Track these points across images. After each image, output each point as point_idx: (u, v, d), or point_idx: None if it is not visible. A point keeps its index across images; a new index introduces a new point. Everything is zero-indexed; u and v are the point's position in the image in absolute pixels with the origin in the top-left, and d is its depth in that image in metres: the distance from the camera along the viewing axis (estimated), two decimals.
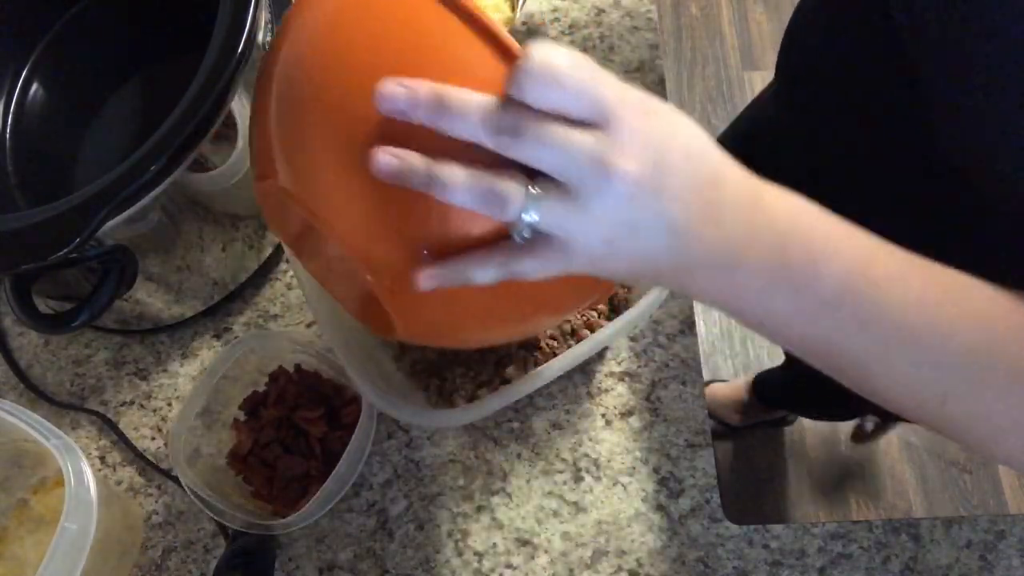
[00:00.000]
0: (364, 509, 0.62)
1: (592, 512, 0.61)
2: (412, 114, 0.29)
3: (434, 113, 0.29)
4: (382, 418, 0.64)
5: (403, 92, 0.29)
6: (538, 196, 0.29)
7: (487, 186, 0.29)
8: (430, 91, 0.29)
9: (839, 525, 0.61)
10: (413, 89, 0.29)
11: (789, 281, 0.31)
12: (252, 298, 0.69)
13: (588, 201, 0.29)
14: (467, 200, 0.29)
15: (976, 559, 0.60)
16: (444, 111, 0.29)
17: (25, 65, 0.66)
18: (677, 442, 0.63)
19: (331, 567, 0.61)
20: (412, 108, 0.29)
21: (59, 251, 0.47)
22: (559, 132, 0.28)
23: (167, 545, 0.62)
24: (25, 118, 0.66)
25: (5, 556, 0.60)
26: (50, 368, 0.68)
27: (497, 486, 0.62)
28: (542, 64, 0.28)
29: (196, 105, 0.50)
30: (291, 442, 0.61)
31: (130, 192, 0.48)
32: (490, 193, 0.29)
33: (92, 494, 0.51)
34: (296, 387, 0.62)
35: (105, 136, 0.66)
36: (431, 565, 0.60)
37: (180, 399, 0.66)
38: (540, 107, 0.28)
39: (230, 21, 0.51)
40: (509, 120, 0.28)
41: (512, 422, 0.64)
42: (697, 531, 0.60)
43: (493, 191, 0.29)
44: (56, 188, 0.64)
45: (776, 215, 0.31)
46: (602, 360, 0.65)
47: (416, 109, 0.29)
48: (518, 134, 0.28)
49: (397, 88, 0.29)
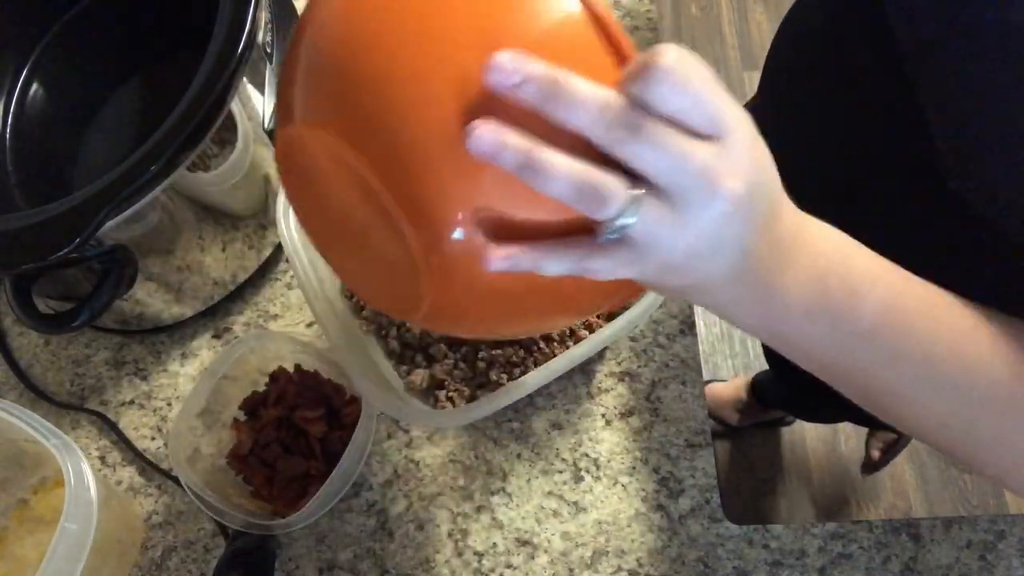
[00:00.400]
0: (364, 509, 0.62)
1: (592, 512, 0.61)
2: (521, 91, 0.27)
3: (548, 95, 0.27)
4: (382, 418, 0.64)
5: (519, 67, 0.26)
6: (639, 200, 0.28)
7: (590, 181, 0.27)
8: (547, 72, 0.27)
9: (839, 525, 0.61)
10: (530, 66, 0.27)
11: (827, 312, 0.32)
12: (252, 298, 0.69)
13: (687, 212, 0.28)
14: (564, 191, 0.28)
15: (976, 559, 0.60)
16: (559, 96, 0.27)
17: (25, 65, 0.66)
18: (677, 442, 0.63)
19: (331, 567, 0.61)
20: (524, 85, 0.27)
21: (59, 251, 0.47)
22: (677, 138, 0.27)
23: (167, 545, 0.62)
24: (25, 118, 0.66)
25: (5, 556, 0.60)
26: (50, 368, 0.68)
27: (497, 486, 0.62)
28: (673, 67, 0.26)
29: (196, 105, 0.50)
30: (291, 442, 0.61)
31: (130, 192, 0.48)
32: (591, 189, 0.27)
33: (92, 494, 0.51)
34: (296, 387, 0.62)
35: (105, 136, 0.66)
36: (431, 565, 0.60)
37: (180, 399, 0.66)
38: (661, 110, 0.27)
39: (230, 21, 0.51)
40: (630, 117, 0.27)
41: (512, 422, 0.64)
42: (697, 531, 0.60)
43: (595, 187, 0.27)
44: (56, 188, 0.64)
45: (818, 249, 0.32)
46: (602, 360, 0.65)
47: (528, 87, 0.27)
48: (636, 133, 0.27)
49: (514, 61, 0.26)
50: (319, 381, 0.63)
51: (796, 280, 0.32)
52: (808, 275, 0.32)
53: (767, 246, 0.31)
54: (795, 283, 0.32)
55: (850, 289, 0.32)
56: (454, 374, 0.60)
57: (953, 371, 0.34)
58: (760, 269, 0.31)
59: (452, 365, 0.60)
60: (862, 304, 0.32)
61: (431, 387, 0.60)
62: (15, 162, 0.64)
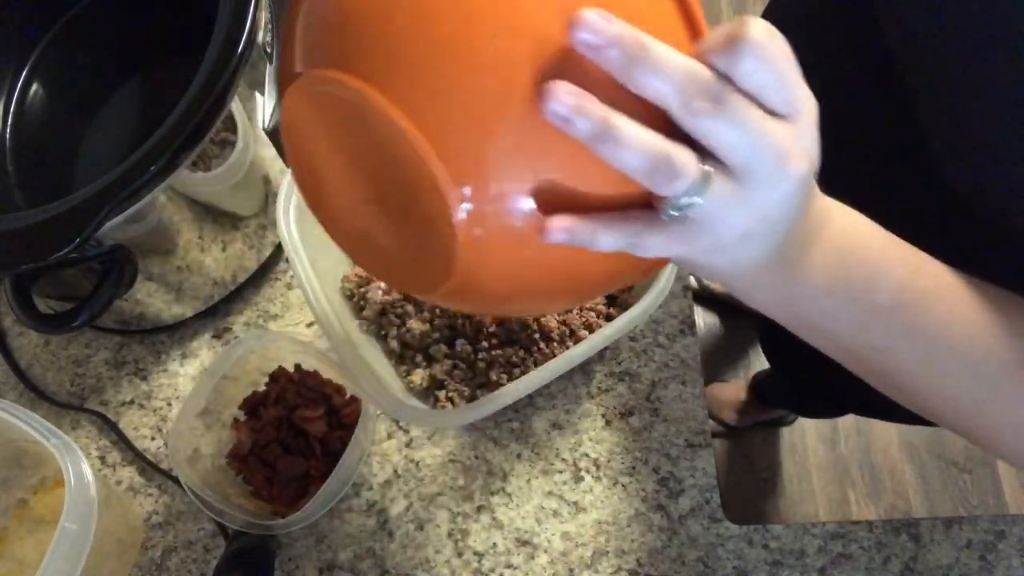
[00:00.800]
0: (364, 509, 0.62)
1: (592, 512, 0.61)
2: (604, 53, 0.25)
3: (631, 60, 0.25)
4: (382, 418, 0.64)
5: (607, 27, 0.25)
6: (709, 177, 0.27)
7: (665, 154, 0.26)
8: (634, 35, 0.25)
9: (839, 525, 0.61)
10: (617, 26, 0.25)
11: (847, 291, 0.33)
12: (252, 298, 0.69)
13: (756, 191, 0.27)
14: (637, 164, 0.26)
15: (976, 559, 0.60)
16: (644, 62, 0.25)
17: (25, 65, 0.66)
18: (677, 442, 0.63)
19: (331, 567, 0.61)
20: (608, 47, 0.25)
21: (59, 251, 0.47)
22: (757, 116, 0.26)
23: (167, 545, 0.62)
24: (25, 118, 0.66)
25: (5, 556, 0.60)
26: (50, 368, 0.68)
27: (497, 486, 0.62)
28: (762, 41, 0.25)
29: (196, 105, 0.50)
30: (291, 442, 0.61)
31: (130, 192, 0.48)
32: (665, 163, 0.26)
33: (92, 494, 0.51)
34: (296, 387, 0.62)
35: (105, 136, 0.66)
36: (431, 565, 0.60)
37: (180, 399, 0.66)
38: (745, 84, 0.26)
39: (230, 21, 0.51)
40: (714, 90, 0.25)
41: (512, 422, 0.64)
42: (697, 531, 0.60)
43: (669, 162, 0.26)
44: (56, 188, 0.64)
45: (840, 230, 0.33)
46: (602, 360, 0.65)
47: (612, 49, 0.25)
48: (718, 106, 0.25)
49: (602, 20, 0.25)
50: (319, 381, 0.63)
51: (820, 261, 0.32)
52: (831, 255, 0.32)
53: (800, 227, 0.31)
54: (820, 263, 0.32)
55: (870, 269, 0.33)
56: (454, 374, 0.60)
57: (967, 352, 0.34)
58: (791, 249, 0.31)
59: (452, 365, 0.60)
60: (881, 284, 0.33)
61: (431, 387, 0.60)
62: (15, 162, 0.64)
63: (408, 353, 0.61)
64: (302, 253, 0.56)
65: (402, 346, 0.61)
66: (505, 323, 0.61)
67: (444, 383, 0.60)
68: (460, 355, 0.61)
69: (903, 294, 0.33)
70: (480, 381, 0.60)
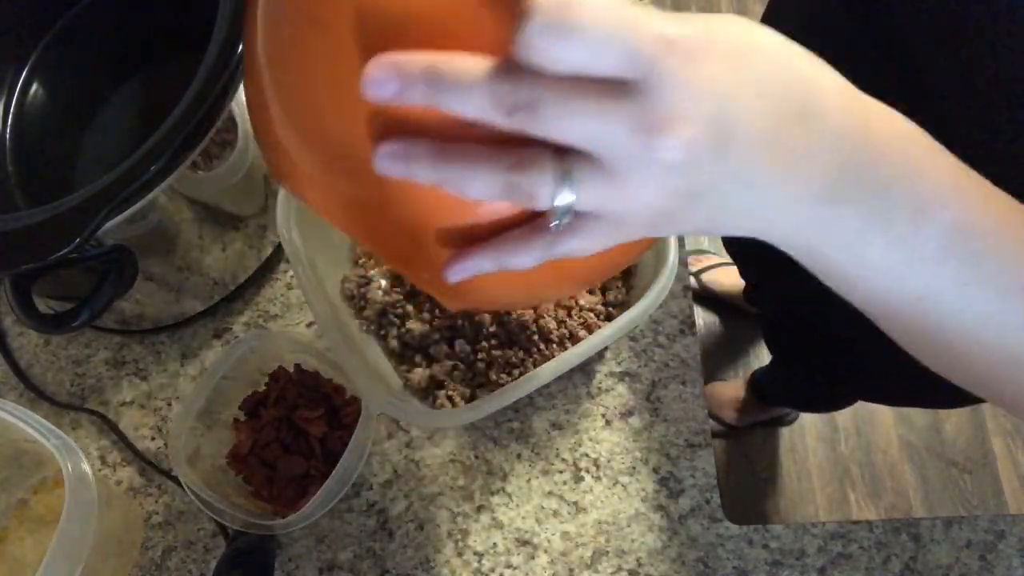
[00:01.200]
0: (364, 509, 0.62)
1: (592, 512, 0.61)
2: (406, 97, 0.23)
3: (432, 93, 0.23)
4: (382, 418, 0.64)
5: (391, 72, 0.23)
6: (572, 177, 0.24)
7: (505, 175, 0.24)
8: (424, 65, 0.23)
9: (839, 525, 0.61)
10: (402, 66, 0.23)
11: (888, 231, 0.27)
12: (252, 298, 0.69)
13: (631, 176, 0.24)
14: (487, 192, 0.25)
15: (976, 559, 0.60)
16: (443, 87, 0.23)
17: (25, 65, 0.66)
18: (677, 442, 0.63)
19: (331, 567, 0.61)
20: (406, 90, 0.23)
21: (59, 251, 0.47)
22: (585, 102, 0.23)
23: (167, 545, 0.62)
24: (25, 118, 0.66)
25: (5, 556, 0.60)
26: (50, 368, 0.68)
27: (497, 486, 0.62)
28: (552, 10, 0.21)
29: (196, 105, 0.50)
30: (291, 442, 0.61)
31: (130, 192, 0.48)
32: (514, 182, 0.24)
33: (92, 494, 0.51)
34: (296, 387, 0.62)
35: (105, 136, 0.66)
36: (431, 565, 0.60)
37: (180, 399, 0.66)
38: (557, 70, 0.22)
39: (230, 21, 0.51)
40: (522, 93, 0.23)
41: (512, 422, 0.64)
42: (697, 531, 0.60)
43: (517, 180, 0.24)
44: (56, 188, 0.64)
45: (880, 150, 0.27)
46: (602, 360, 0.65)
47: (411, 91, 0.23)
48: (534, 109, 0.23)
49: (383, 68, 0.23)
50: (319, 381, 0.63)
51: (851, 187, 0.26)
52: (866, 182, 0.26)
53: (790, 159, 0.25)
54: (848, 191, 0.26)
55: (916, 206, 0.27)
56: (454, 374, 0.60)
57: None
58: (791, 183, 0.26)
59: (452, 366, 0.60)
60: (931, 222, 0.27)
61: (431, 387, 0.60)
62: (15, 162, 0.64)
63: (408, 353, 0.61)
64: (302, 253, 0.56)
65: (402, 346, 0.61)
66: (505, 324, 0.61)
67: (444, 383, 0.60)
68: (460, 355, 0.61)
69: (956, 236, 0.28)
70: (480, 381, 0.60)
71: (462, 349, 0.61)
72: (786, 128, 0.25)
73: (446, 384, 0.60)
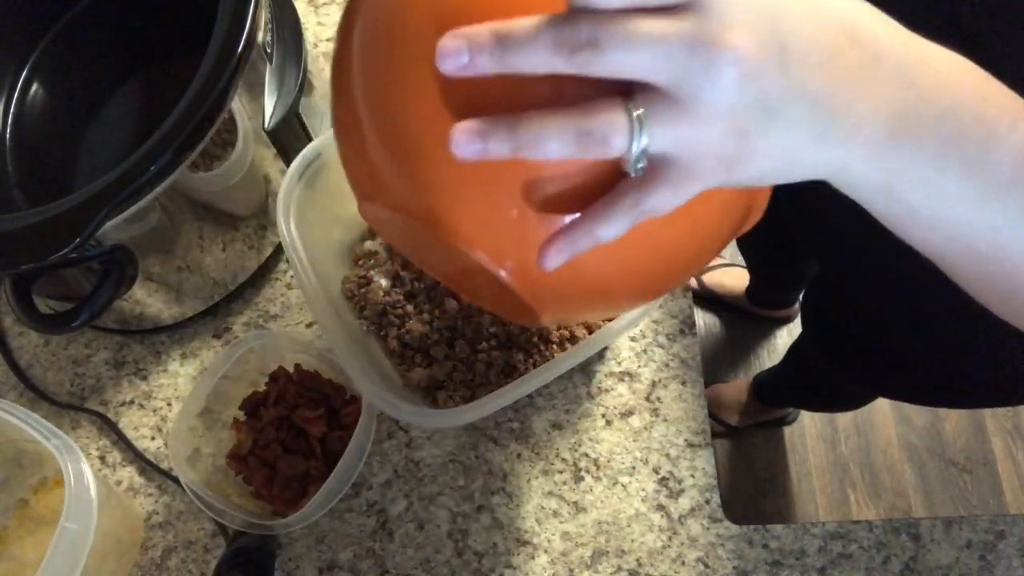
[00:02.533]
0: (364, 509, 0.62)
1: (592, 512, 0.61)
2: (480, 65, 0.24)
3: (500, 54, 0.24)
4: (382, 418, 0.64)
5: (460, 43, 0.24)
6: (642, 114, 0.25)
7: (577, 125, 0.25)
8: (487, 32, 0.24)
9: (839, 525, 0.61)
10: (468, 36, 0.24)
11: (962, 158, 0.27)
12: (252, 298, 0.69)
13: (698, 98, 0.24)
14: (564, 150, 0.25)
15: (976, 559, 0.60)
16: (509, 47, 0.24)
17: (25, 65, 0.67)
18: (677, 442, 0.63)
19: (331, 567, 0.61)
20: (477, 58, 0.24)
21: (59, 251, 0.47)
22: (642, 28, 0.23)
23: (167, 545, 0.62)
24: (25, 118, 0.66)
25: (5, 556, 0.60)
26: (50, 368, 0.68)
27: (497, 486, 0.62)
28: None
29: (196, 105, 0.50)
30: (291, 442, 0.61)
31: (130, 192, 0.48)
32: (584, 132, 0.25)
33: (92, 494, 0.51)
34: (296, 387, 0.62)
35: (105, 136, 0.66)
36: (431, 565, 0.60)
37: (180, 399, 0.66)
38: (612, 6, 0.24)
39: (230, 21, 0.51)
40: (584, 32, 0.24)
41: (512, 422, 0.64)
42: (697, 531, 0.60)
43: (589, 129, 0.25)
44: (56, 188, 0.64)
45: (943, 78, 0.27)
46: (602, 360, 0.65)
47: (481, 57, 0.24)
48: (597, 46, 0.24)
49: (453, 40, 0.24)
50: (319, 381, 0.63)
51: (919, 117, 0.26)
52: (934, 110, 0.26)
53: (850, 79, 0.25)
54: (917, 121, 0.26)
55: (988, 129, 0.27)
56: (454, 375, 0.60)
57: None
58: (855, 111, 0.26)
59: (452, 366, 0.60)
60: (1001, 147, 0.27)
61: (431, 387, 0.60)
62: (15, 162, 0.64)
63: (408, 353, 0.61)
64: (302, 253, 0.56)
65: (402, 346, 0.61)
66: (505, 324, 0.61)
67: (444, 383, 0.60)
68: (460, 356, 0.61)
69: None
70: (479, 382, 0.60)
71: (462, 350, 0.61)
72: (839, 49, 0.25)
73: (446, 384, 0.60)
